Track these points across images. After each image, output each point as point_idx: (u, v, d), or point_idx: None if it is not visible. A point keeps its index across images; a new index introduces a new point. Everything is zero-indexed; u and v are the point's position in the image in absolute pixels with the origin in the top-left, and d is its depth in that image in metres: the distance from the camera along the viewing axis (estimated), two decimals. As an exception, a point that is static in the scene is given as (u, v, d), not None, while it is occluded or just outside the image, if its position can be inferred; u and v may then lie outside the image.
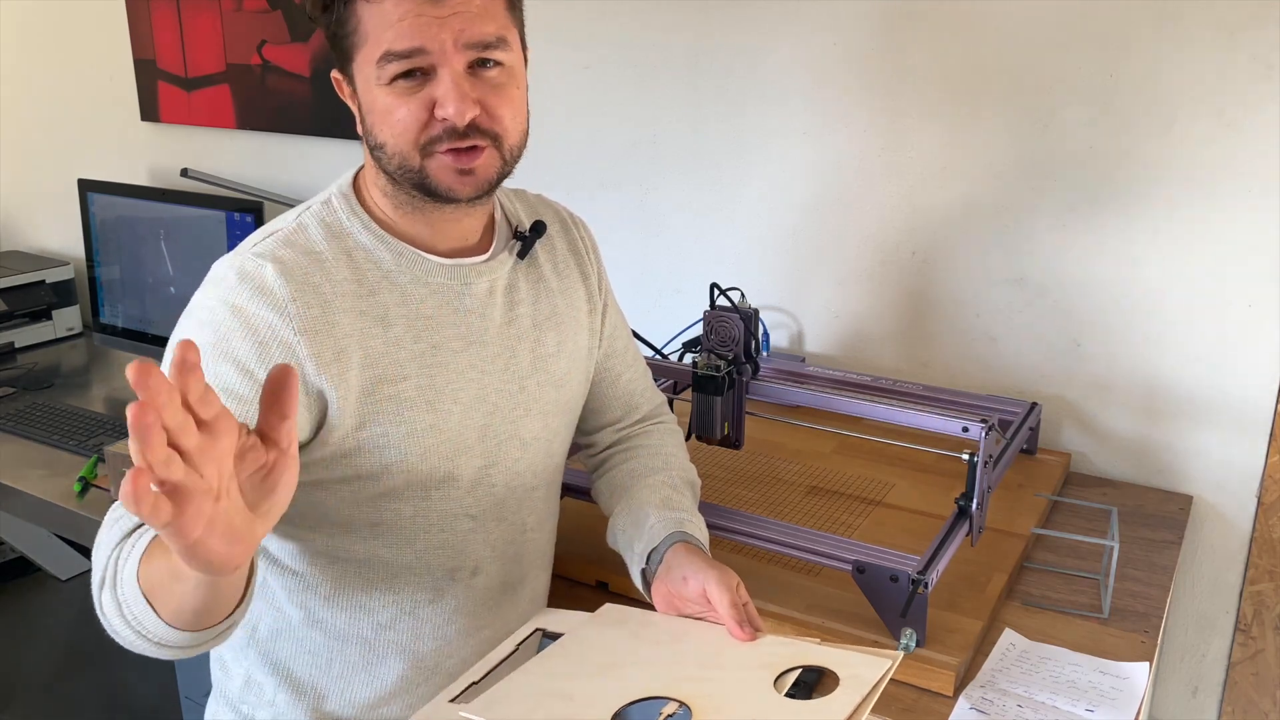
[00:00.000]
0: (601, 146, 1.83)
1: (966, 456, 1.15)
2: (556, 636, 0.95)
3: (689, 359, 1.51)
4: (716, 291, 1.33)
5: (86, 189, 2.23)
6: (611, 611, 1.00)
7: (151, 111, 2.36)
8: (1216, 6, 1.32)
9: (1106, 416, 1.52)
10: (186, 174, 2.15)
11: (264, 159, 2.24)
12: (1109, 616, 1.16)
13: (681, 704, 0.81)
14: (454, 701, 0.86)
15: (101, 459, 1.62)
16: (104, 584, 0.80)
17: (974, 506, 1.16)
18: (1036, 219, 1.50)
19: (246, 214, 1.99)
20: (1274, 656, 1.47)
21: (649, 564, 1.01)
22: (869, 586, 1.07)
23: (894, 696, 1.03)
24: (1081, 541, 1.30)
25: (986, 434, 1.16)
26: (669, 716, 0.80)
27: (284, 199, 2.05)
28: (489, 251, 1.02)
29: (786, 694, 0.82)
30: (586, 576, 1.23)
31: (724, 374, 1.31)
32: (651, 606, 0.99)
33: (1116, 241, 1.45)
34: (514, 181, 0.98)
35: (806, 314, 1.73)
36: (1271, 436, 1.41)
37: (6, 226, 2.77)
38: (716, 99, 1.70)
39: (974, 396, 1.50)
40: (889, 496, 1.38)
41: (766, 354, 1.71)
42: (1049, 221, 1.49)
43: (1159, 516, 1.40)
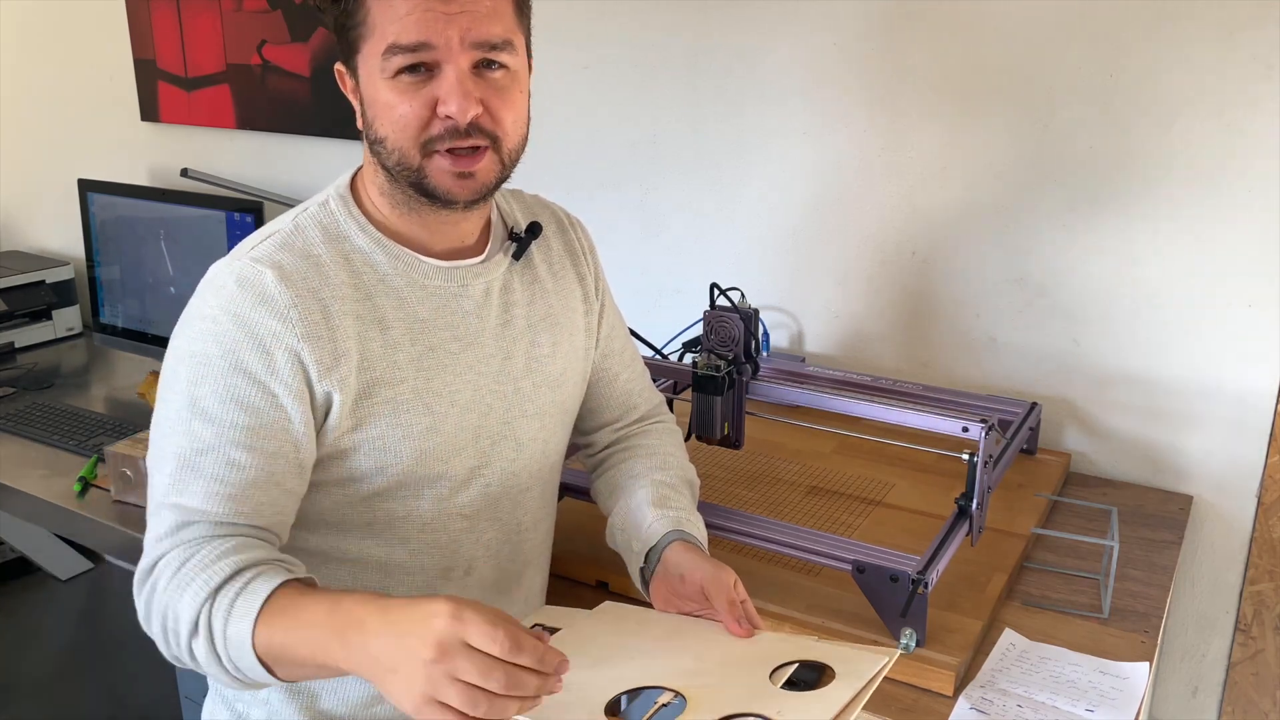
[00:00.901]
0: (601, 146, 1.83)
1: (966, 456, 1.15)
2: (555, 631, 0.96)
3: (689, 359, 1.51)
4: (716, 291, 1.33)
5: (86, 189, 2.23)
6: (610, 608, 1.00)
7: (151, 111, 2.36)
8: (1216, 6, 1.32)
9: (1106, 416, 1.52)
10: (186, 174, 2.15)
11: (264, 159, 2.24)
12: (1109, 616, 1.16)
13: (676, 694, 0.81)
14: None
15: (101, 459, 1.62)
16: (195, 632, 0.81)
17: (974, 506, 1.16)
18: (1036, 219, 1.50)
19: (246, 214, 1.98)
20: (1274, 656, 1.46)
21: (648, 563, 1.01)
22: (869, 586, 1.07)
23: (894, 696, 1.03)
24: (1081, 541, 1.30)
25: (986, 434, 1.16)
26: (664, 706, 0.81)
27: (284, 199, 2.05)
28: (485, 253, 1.02)
29: (782, 688, 0.82)
30: (586, 576, 1.23)
31: (724, 374, 1.31)
32: (651, 605, 1.00)
33: (1116, 241, 1.45)
34: (514, 181, 0.98)
35: (806, 314, 1.73)
36: (1271, 436, 1.41)
37: (6, 226, 2.77)
38: (716, 99, 1.70)
39: (974, 396, 1.50)
40: (889, 496, 1.38)
41: (766, 354, 1.71)
42: (1049, 221, 1.49)
43: (1159, 516, 1.40)
